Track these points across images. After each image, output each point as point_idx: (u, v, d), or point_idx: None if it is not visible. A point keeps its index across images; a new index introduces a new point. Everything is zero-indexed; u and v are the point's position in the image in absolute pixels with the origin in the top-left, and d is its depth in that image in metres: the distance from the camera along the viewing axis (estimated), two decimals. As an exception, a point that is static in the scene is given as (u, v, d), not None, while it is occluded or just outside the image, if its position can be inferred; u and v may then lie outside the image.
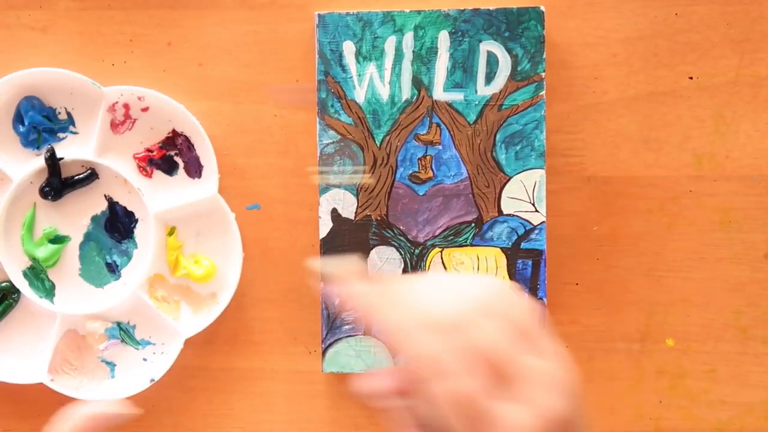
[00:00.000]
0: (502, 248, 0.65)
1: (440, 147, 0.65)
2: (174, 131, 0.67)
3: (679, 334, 0.68)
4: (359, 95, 0.65)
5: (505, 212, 0.65)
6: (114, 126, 0.67)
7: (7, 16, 0.67)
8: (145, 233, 0.67)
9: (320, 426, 0.68)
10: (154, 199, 0.67)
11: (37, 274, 0.67)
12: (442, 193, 0.65)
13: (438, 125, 0.65)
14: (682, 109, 0.67)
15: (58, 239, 0.67)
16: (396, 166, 0.65)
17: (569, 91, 0.67)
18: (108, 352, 0.68)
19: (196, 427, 0.68)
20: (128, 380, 0.67)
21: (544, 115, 0.64)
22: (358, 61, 0.64)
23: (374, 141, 0.65)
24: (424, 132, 0.65)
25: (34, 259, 0.67)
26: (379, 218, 0.65)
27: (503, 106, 0.64)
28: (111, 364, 0.68)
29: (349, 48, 0.64)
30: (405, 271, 0.65)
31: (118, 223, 0.67)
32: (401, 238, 0.65)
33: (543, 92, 0.64)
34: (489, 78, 0.64)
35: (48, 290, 0.67)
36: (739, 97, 0.67)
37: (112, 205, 0.67)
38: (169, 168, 0.67)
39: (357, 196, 0.65)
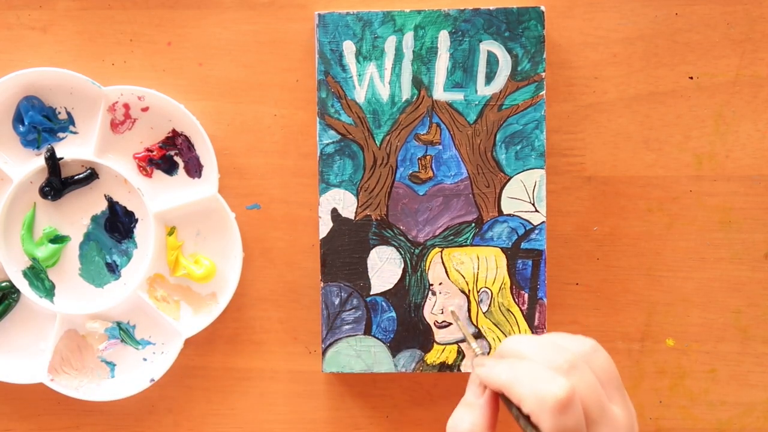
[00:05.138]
0: (502, 248, 0.65)
1: (440, 147, 0.65)
2: (174, 131, 0.67)
3: (679, 334, 0.68)
4: (359, 95, 0.65)
5: (505, 212, 0.65)
6: (114, 126, 0.67)
7: (7, 16, 0.67)
8: (145, 233, 0.67)
9: (320, 426, 0.68)
10: (154, 199, 0.67)
11: (37, 274, 0.67)
12: (442, 193, 0.65)
13: (438, 125, 0.65)
14: (682, 109, 0.67)
15: (58, 239, 0.67)
16: (396, 166, 0.65)
17: (569, 91, 0.67)
18: (108, 352, 0.68)
19: (196, 427, 0.68)
20: (128, 380, 0.67)
21: (544, 115, 0.64)
22: (358, 61, 0.64)
23: (374, 141, 0.65)
24: (424, 132, 0.65)
25: (34, 259, 0.67)
26: (379, 218, 0.65)
27: (503, 106, 0.64)
28: (111, 364, 0.68)
29: (349, 48, 0.64)
30: (405, 271, 0.65)
31: (118, 223, 0.67)
32: (401, 238, 0.65)
33: (543, 92, 0.64)
34: (489, 78, 0.64)
35: (48, 290, 0.67)
36: (739, 97, 0.67)
37: (112, 205, 0.67)
38: (169, 168, 0.67)
39: (357, 195, 0.65)
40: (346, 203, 0.65)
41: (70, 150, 0.66)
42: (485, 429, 0.50)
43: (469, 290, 0.65)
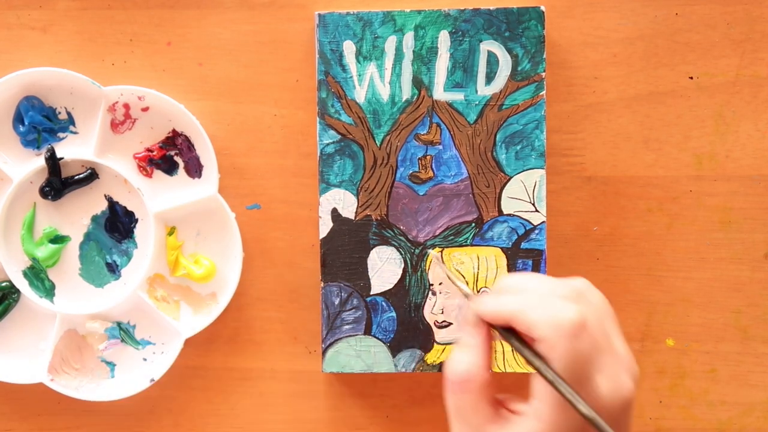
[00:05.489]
0: (502, 248, 0.65)
1: (440, 147, 0.65)
2: (174, 131, 0.67)
3: (679, 334, 0.68)
4: (359, 95, 0.65)
5: (505, 212, 0.65)
6: (114, 126, 0.67)
7: (7, 16, 0.67)
8: (145, 233, 0.67)
9: (320, 426, 0.68)
10: (154, 199, 0.67)
11: (37, 274, 0.67)
12: (442, 193, 0.65)
13: (438, 125, 0.65)
14: (682, 109, 0.67)
15: (58, 239, 0.67)
16: (396, 166, 0.65)
17: (569, 91, 0.67)
18: (108, 352, 0.68)
19: (196, 427, 0.68)
20: (128, 380, 0.67)
21: (544, 115, 0.64)
22: (358, 61, 0.64)
23: (374, 141, 0.65)
24: (425, 132, 0.65)
25: (34, 258, 0.67)
26: (379, 218, 0.65)
27: (503, 106, 0.64)
28: (111, 364, 0.68)
29: (349, 48, 0.64)
30: (405, 271, 0.65)
31: (118, 223, 0.67)
32: (401, 238, 0.65)
33: (543, 92, 0.64)
34: (489, 78, 0.64)
35: (48, 290, 0.67)
36: (739, 97, 0.67)
37: (112, 204, 0.67)
38: (169, 168, 0.67)
39: (357, 195, 0.65)
40: (346, 203, 0.65)
41: (70, 150, 0.66)
42: (482, 369, 0.50)
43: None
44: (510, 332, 0.49)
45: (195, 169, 0.67)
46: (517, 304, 0.48)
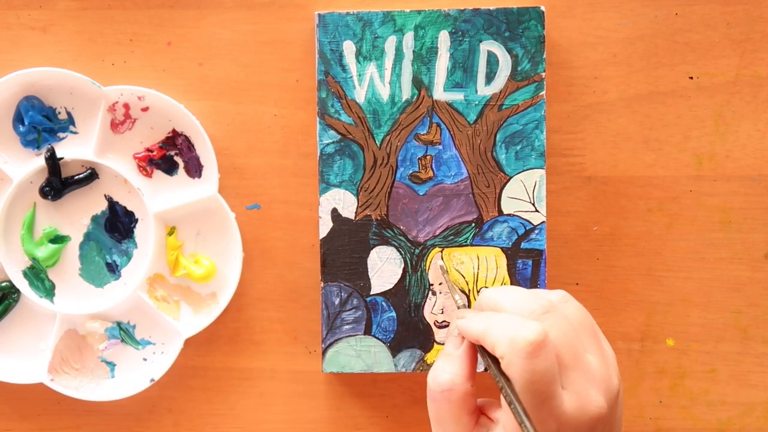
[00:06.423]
0: (502, 248, 0.65)
1: (440, 147, 0.65)
2: (174, 131, 0.67)
3: (679, 334, 0.68)
4: (359, 95, 0.65)
5: (505, 212, 0.65)
6: (114, 126, 0.67)
7: (7, 16, 0.67)
8: (145, 233, 0.67)
9: (320, 426, 0.68)
10: (154, 199, 0.67)
11: (37, 274, 0.67)
12: (442, 193, 0.65)
13: (438, 125, 0.65)
14: (682, 109, 0.67)
15: (58, 239, 0.67)
16: (396, 166, 0.65)
17: (569, 91, 0.67)
18: (108, 351, 0.68)
19: (196, 427, 0.68)
20: (128, 380, 0.67)
21: (544, 115, 0.64)
22: (358, 61, 0.64)
23: (374, 141, 0.65)
24: (425, 132, 0.65)
25: (34, 258, 0.67)
26: (379, 218, 0.65)
27: (503, 106, 0.64)
28: (111, 364, 0.68)
29: (349, 48, 0.64)
30: (405, 271, 0.65)
31: (118, 223, 0.67)
32: (401, 238, 0.65)
33: (543, 92, 0.64)
34: (489, 78, 0.64)
35: (48, 290, 0.67)
36: (739, 97, 0.67)
37: (112, 204, 0.67)
38: (169, 168, 0.67)
39: (357, 195, 0.65)
40: (346, 203, 0.65)
41: (70, 150, 0.66)
42: (464, 379, 0.51)
43: (469, 290, 0.65)
44: (483, 348, 0.50)
45: (195, 169, 0.67)
46: (483, 325, 0.49)
